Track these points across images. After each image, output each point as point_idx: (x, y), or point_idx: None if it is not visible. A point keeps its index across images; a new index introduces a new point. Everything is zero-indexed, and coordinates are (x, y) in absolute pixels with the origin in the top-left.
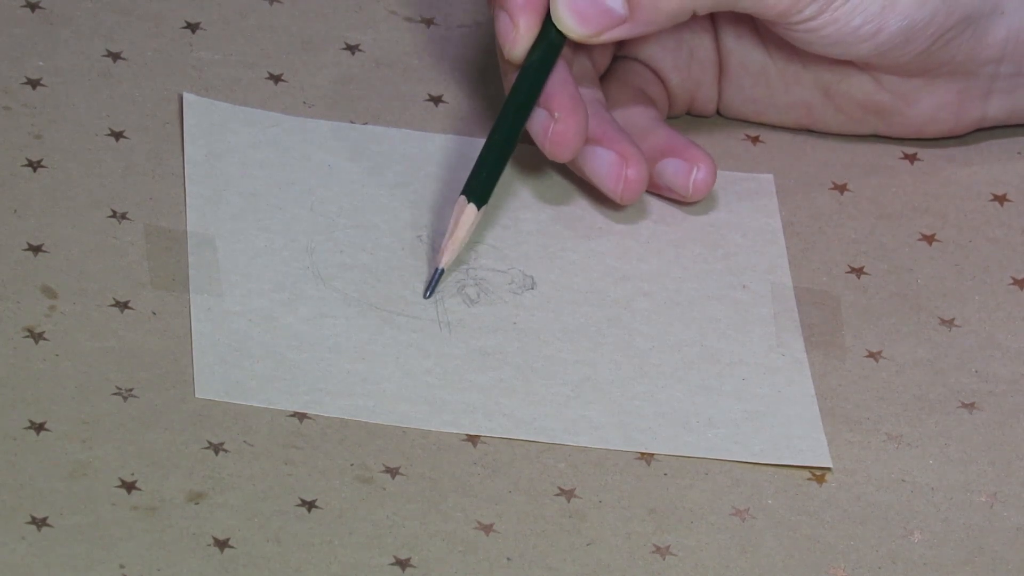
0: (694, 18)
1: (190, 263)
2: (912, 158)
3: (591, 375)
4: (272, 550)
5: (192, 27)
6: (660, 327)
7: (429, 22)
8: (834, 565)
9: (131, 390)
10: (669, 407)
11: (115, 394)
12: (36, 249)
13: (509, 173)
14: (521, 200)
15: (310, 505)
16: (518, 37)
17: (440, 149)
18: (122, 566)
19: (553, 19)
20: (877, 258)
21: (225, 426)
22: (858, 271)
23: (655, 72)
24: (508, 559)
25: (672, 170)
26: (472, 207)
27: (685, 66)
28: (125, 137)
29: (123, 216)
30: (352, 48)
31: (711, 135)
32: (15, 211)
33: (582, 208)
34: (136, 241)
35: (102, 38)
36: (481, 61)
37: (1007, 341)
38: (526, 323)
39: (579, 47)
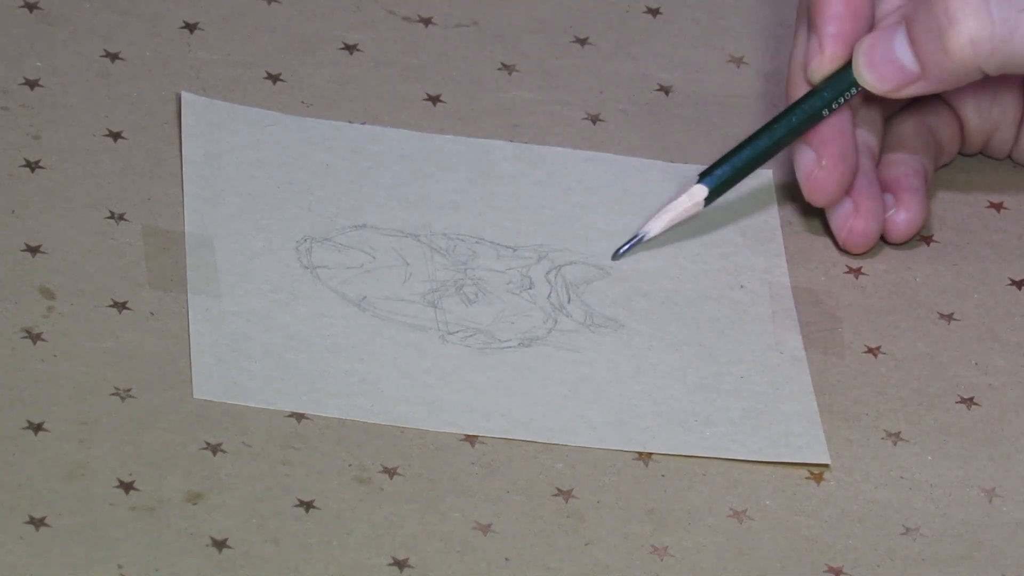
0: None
1: (188, 263)
2: None
3: (589, 375)
4: (270, 550)
5: (190, 27)
6: (658, 326)
7: (427, 22)
8: (832, 564)
9: (129, 390)
10: (667, 406)
11: (113, 394)
12: (34, 250)
13: (510, 174)
14: (521, 202)
15: (308, 505)
16: (822, 62)
17: (438, 149)
18: (120, 566)
19: (854, 71)
20: (875, 258)
21: (223, 426)
22: (856, 271)
23: (953, 109)
24: (506, 559)
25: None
26: (701, 189)
27: (986, 107)
28: (123, 137)
29: (121, 217)
30: (350, 48)
31: (709, 132)
32: (13, 212)
33: (581, 208)
34: (134, 241)
35: (100, 38)
36: (479, 61)
37: (1006, 335)
38: (524, 323)
39: None
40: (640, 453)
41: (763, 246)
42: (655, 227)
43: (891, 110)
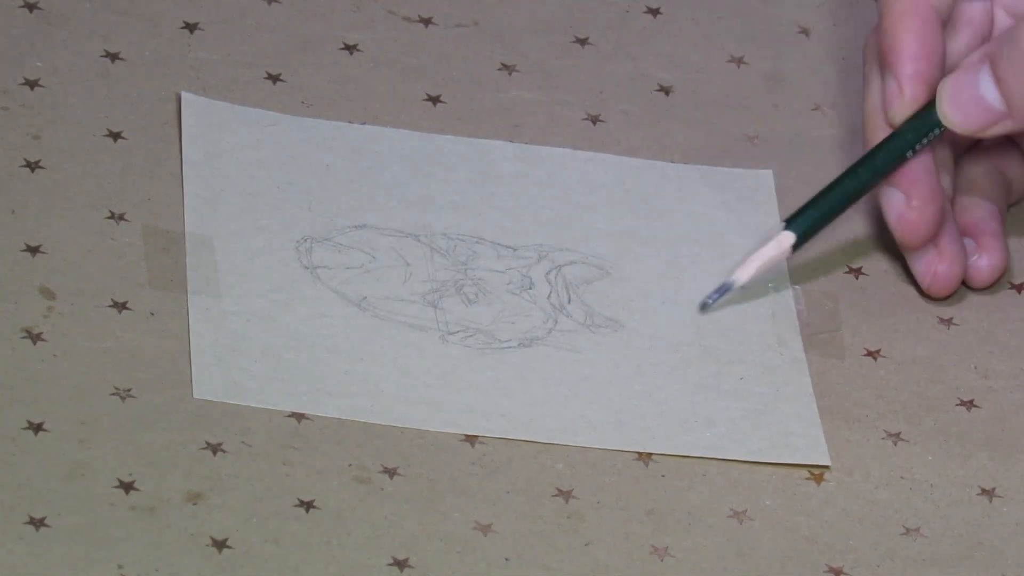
0: None
1: (188, 263)
2: None
3: (589, 375)
4: (270, 550)
5: (190, 27)
6: (658, 326)
7: (427, 22)
8: (832, 564)
9: (129, 390)
10: (667, 406)
11: (113, 394)
12: (34, 250)
13: (511, 174)
14: (521, 202)
15: (308, 505)
16: (903, 103)
17: (438, 149)
18: (120, 566)
19: (938, 112)
20: (875, 259)
21: (223, 426)
22: (856, 271)
23: (1020, 149)
24: (506, 559)
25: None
26: (788, 235)
27: None
28: (123, 137)
29: (121, 217)
30: (350, 48)
31: (709, 132)
32: (13, 212)
33: (581, 208)
34: (134, 242)
35: (100, 38)
36: (479, 61)
37: (1006, 338)
38: (525, 323)
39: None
40: (640, 453)
41: (763, 246)
42: (743, 276)
43: (961, 152)
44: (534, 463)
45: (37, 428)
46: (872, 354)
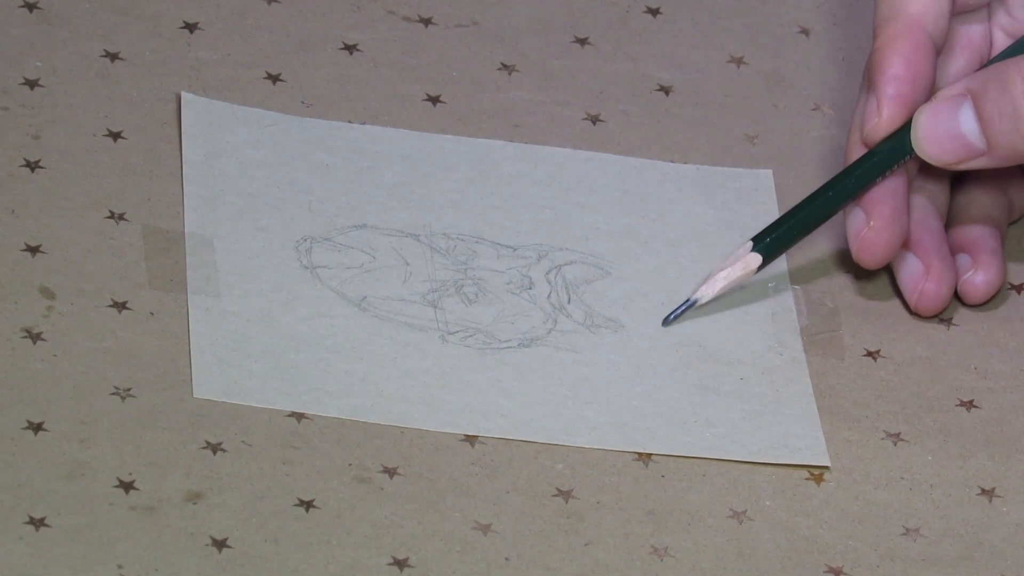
0: None
1: (188, 263)
2: None
3: (589, 375)
4: (270, 550)
5: (190, 27)
6: (658, 327)
7: (427, 22)
8: (832, 564)
9: (129, 390)
10: (667, 407)
11: (113, 394)
12: (34, 250)
13: (510, 174)
14: (521, 201)
15: (308, 505)
16: (880, 124)
17: (438, 149)
18: (120, 566)
19: (912, 140)
20: None
21: (223, 426)
22: (856, 272)
23: (1022, 169)
24: (506, 559)
25: (958, 264)
26: (755, 257)
27: None
28: (123, 137)
29: (121, 216)
30: (350, 48)
31: (709, 132)
32: (13, 211)
33: (581, 208)
34: (134, 241)
35: (100, 38)
36: (479, 61)
37: (1006, 339)
38: (524, 323)
39: None
40: (640, 453)
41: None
42: (708, 292)
43: (956, 171)
44: (534, 463)
45: (37, 428)
46: (872, 354)
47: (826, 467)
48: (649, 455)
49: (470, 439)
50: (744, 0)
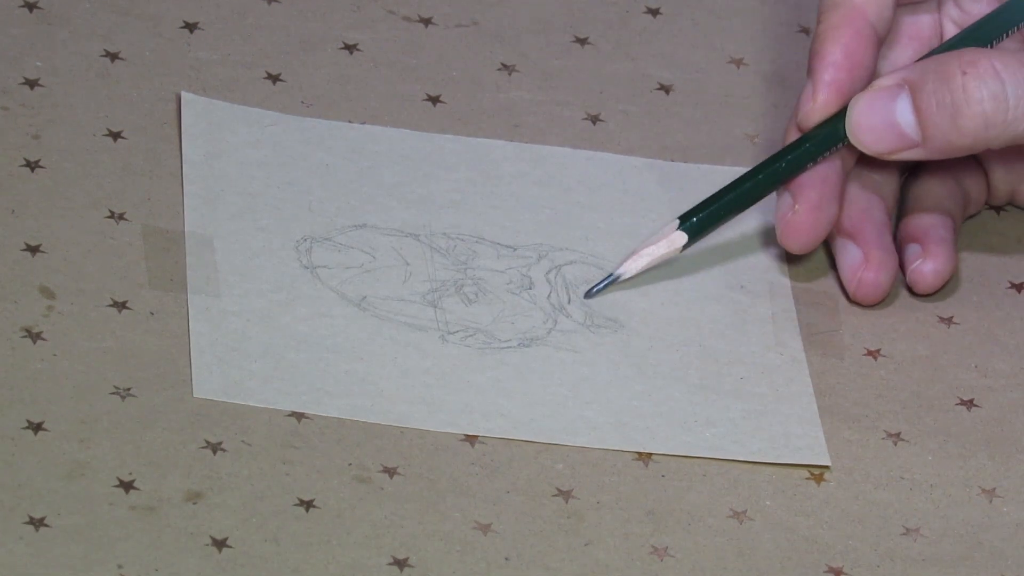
0: None
1: (188, 263)
2: None
3: (589, 375)
4: (270, 550)
5: (190, 27)
6: (658, 327)
7: (427, 22)
8: (832, 564)
9: (129, 390)
10: (667, 407)
11: (113, 394)
12: (34, 249)
13: (510, 174)
14: (521, 201)
15: (308, 505)
16: (813, 109)
17: (438, 149)
18: (120, 566)
19: (846, 128)
20: None
21: (223, 426)
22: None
23: (980, 163)
24: (506, 559)
25: (907, 254)
26: (680, 236)
27: (1012, 159)
28: (123, 137)
29: (121, 216)
30: (350, 48)
31: (709, 132)
32: (13, 211)
33: (581, 208)
34: (134, 241)
35: (100, 38)
36: (479, 61)
37: (1006, 338)
38: (524, 323)
39: None
40: (640, 453)
41: (763, 246)
42: (631, 268)
43: (909, 162)
44: (534, 463)
45: (37, 428)
46: (872, 354)
47: (826, 467)
48: (649, 455)
49: (470, 439)
50: (744, 0)
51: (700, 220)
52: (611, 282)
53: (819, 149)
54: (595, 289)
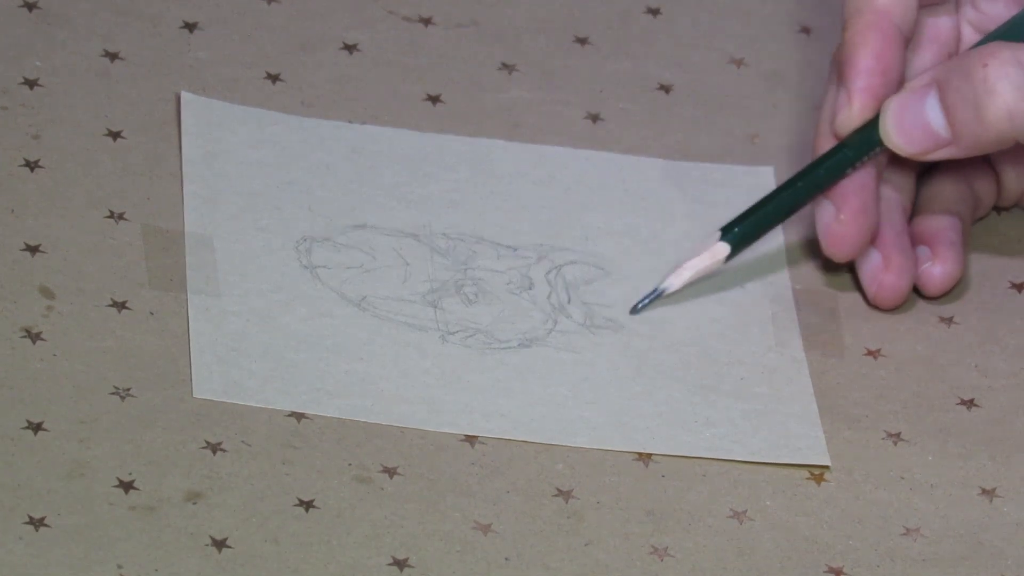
0: None
1: (188, 263)
2: None
3: (589, 375)
4: (270, 550)
5: (190, 27)
6: (658, 327)
7: (427, 22)
8: (833, 564)
9: (129, 390)
10: (667, 407)
11: (113, 394)
12: (33, 249)
13: (510, 173)
14: (521, 201)
15: (308, 505)
16: (850, 116)
17: (438, 149)
18: (120, 566)
19: (880, 131)
20: None
21: (223, 426)
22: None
23: (991, 165)
24: (506, 559)
25: (918, 255)
26: (723, 247)
27: (1023, 161)
28: (123, 137)
29: (120, 216)
30: (350, 48)
31: (709, 131)
32: (12, 211)
33: (581, 208)
34: (134, 241)
35: (100, 38)
36: (479, 61)
37: (1006, 337)
38: (524, 323)
39: None
40: (640, 453)
41: (763, 246)
42: (675, 282)
43: (925, 164)
44: (534, 463)
45: (37, 428)
46: (872, 354)
47: (826, 467)
48: (649, 455)
49: (470, 439)
50: (744, 0)
51: (742, 230)
52: (656, 296)
53: (856, 155)
54: (640, 304)
